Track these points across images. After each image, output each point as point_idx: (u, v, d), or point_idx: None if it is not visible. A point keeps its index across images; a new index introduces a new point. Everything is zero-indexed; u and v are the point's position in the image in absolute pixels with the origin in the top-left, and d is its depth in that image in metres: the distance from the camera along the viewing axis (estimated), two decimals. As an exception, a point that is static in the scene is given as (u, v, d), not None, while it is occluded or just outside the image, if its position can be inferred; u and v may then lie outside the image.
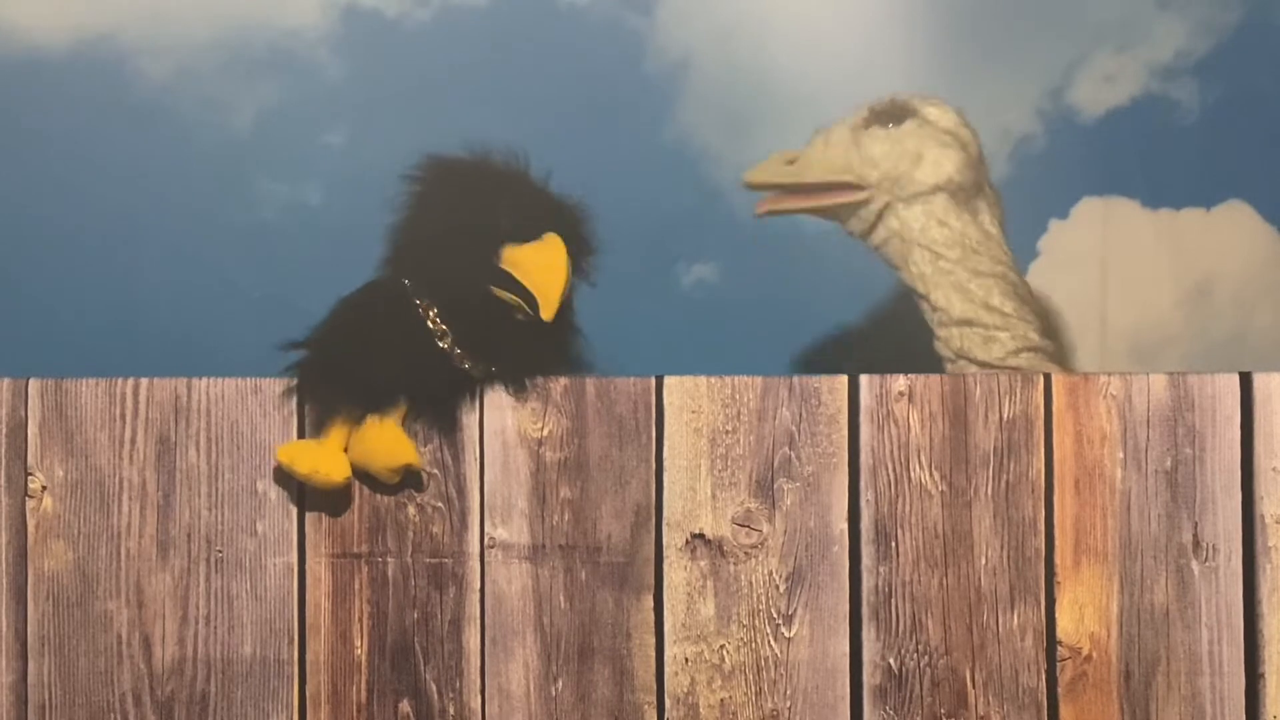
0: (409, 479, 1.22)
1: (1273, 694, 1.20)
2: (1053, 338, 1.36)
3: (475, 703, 1.22)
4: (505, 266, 1.20)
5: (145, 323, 1.53)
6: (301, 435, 1.22)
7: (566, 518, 1.22)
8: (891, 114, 1.36)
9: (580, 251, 1.24)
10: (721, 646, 1.22)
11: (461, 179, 1.23)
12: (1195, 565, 1.21)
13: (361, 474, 1.21)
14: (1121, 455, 1.21)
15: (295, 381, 1.22)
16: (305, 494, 1.22)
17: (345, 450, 1.20)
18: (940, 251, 1.33)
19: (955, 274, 1.33)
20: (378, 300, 1.22)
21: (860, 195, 1.36)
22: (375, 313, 1.21)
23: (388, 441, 1.19)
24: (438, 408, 1.22)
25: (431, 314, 1.21)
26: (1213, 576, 1.21)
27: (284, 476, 1.22)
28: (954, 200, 1.34)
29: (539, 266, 1.20)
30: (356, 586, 1.23)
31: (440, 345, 1.20)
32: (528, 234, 1.21)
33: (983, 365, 1.32)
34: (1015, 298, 1.33)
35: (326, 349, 1.21)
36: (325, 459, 1.19)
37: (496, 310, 1.21)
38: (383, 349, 1.21)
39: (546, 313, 1.19)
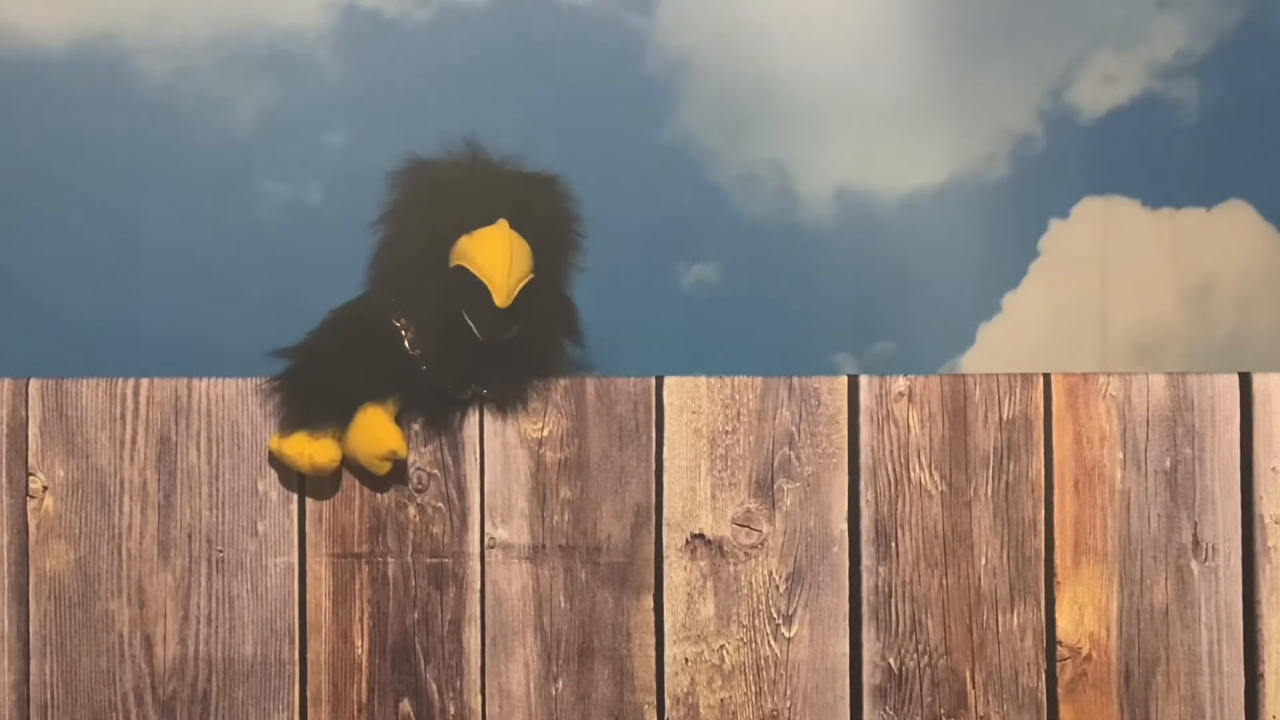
0: (398, 471, 1.22)
1: (1272, 694, 1.21)
2: None
3: (475, 702, 1.22)
4: (456, 260, 1.18)
5: (145, 323, 1.53)
6: (302, 435, 1.23)
7: (566, 518, 1.22)
8: None
9: (551, 227, 1.21)
10: (721, 646, 1.22)
11: (430, 183, 1.21)
12: (1195, 565, 1.21)
13: (353, 464, 1.21)
14: (1121, 455, 1.21)
15: (276, 393, 1.22)
16: (306, 494, 1.23)
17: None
18: None
19: None
20: (362, 318, 1.21)
21: None
22: (358, 331, 1.21)
23: (373, 429, 1.19)
24: (428, 413, 1.22)
25: (409, 337, 1.20)
26: (1212, 576, 1.21)
27: (285, 476, 1.22)
28: None
29: (482, 253, 1.17)
30: (357, 586, 1.23)
31: (422, 366, 1.20)
32: (480, 223, 1.18)
33: None
34: None
35: (308, 361, 1.21)
36: (315, 445, 1.19)
37: (464, 334, 1.19)
38: (364, 367, 1.20)
39: (499, 299, 1.17)
